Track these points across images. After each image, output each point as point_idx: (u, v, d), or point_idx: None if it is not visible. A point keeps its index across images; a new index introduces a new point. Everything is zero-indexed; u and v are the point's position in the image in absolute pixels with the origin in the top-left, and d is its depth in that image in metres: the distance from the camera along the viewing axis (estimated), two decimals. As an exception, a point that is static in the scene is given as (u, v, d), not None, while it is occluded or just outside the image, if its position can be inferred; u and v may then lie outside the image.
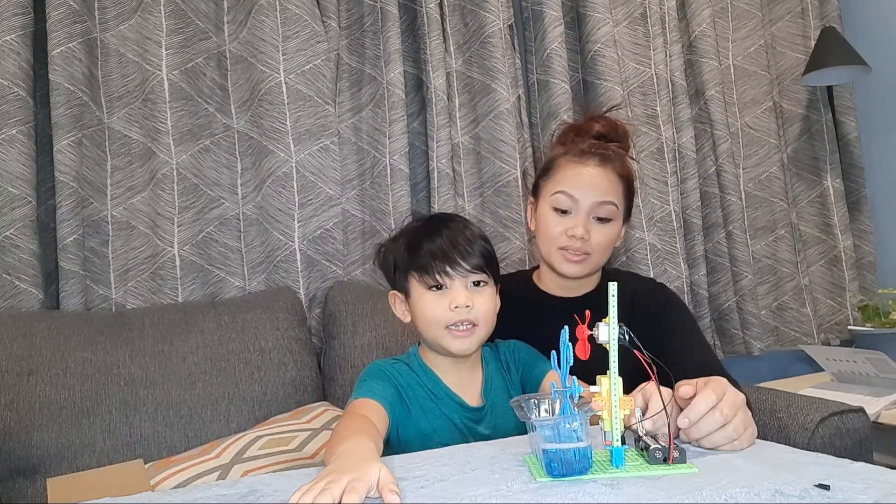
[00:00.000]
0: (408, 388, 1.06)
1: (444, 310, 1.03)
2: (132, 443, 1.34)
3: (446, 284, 1.04)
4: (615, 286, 0.78)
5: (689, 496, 0.64)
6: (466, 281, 1.04)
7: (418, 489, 0.71)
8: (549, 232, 1.25)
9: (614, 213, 1.23)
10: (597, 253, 1.24)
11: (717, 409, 0.79)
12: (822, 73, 2.16)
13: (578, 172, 1.23)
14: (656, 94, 2.09)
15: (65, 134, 1.56)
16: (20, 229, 1.51)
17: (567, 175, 1.24)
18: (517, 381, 1.12)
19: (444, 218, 1.12)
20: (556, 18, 1.99)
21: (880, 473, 0.68)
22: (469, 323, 1.03)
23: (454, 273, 1.03)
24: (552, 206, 1.24)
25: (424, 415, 1.05)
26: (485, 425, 1.07)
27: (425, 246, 1.05)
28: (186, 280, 1.69)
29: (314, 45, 1.77)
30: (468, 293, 1.03)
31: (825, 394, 1.69)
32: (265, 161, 1.74)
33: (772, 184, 2.28)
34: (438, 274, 1.03)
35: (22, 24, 1.54)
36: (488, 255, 1.06)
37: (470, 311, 1.02)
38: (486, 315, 1.04)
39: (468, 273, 1.03)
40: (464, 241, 1.04)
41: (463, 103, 1.95)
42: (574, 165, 1.24)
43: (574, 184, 1.22)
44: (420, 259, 1.05)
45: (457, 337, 1.03)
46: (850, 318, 2.28)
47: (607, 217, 1.23)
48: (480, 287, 1.05)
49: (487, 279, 1.06)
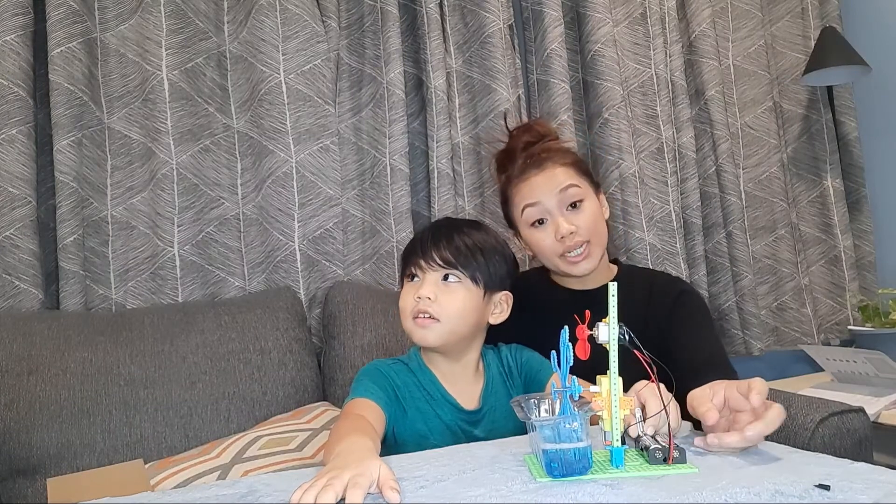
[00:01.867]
0: (404, 388, 1.06)
1: (410, 300, 1.03)
2: (132, 443, 1.34)
3: (418, 275, 1.04)
4: (615, 286, 0.78)
5: (689, 496, 0.64)
6: (437, 275, 1.03)
7: (418, 489, 0.71)
8: (542, 247, 1.25)
9: (580, 192, 1.24)
10: (592, 235, 1.24)
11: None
12: (822, 73, 2.16)
13: (529, 184, 1.25)
14: (656, 94, 2.10)
15: (65, 134, 1.56)
16: (20, 229, 1.51)
17: (522, 193, 1.26)
18: (519, 384, 1.11)
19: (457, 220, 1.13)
20: (556, 18, 1.99)
21: (880, 473, 0.68)
22: (428, 315, 1.01)
23: (425, 265, 1.03)
24: (529, 224, 1.26)
25: (420, 416, 1.05)
26: (481, 428, 1.06)
27: (415, 240, 1.08)
28: (186, 280, 1.69)
29: (314, 45, 1.77)
30: (435, 287, 1.02)
31: (825, 394, 1.69)
32: (265, 161, 1.74)
33: (772, 184, 2.28)
34: (412, 265, 1.05)
35: (22, 24, 1.54)
36: (467, 255, 1.03)
37: (431, 304, 1.01)
38: (451, 313, 1.02)
39: (437, 266, 1.03)
40: (446, 238, 1.04)
41: (463, 103, 1.95)
42: (522, 183, 1.26)
43: (531, 194, 1.24)
44: (406, 253, 1.07)
45: (418, 326, 1.02)
46: (850, 318, 2.28)
47: (577, 198, 1.23)
48: (451, 283, 1.03)
49: (461, 277, 1.03)
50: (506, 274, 1.09)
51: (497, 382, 1.10)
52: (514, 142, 1.34)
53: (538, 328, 1.16)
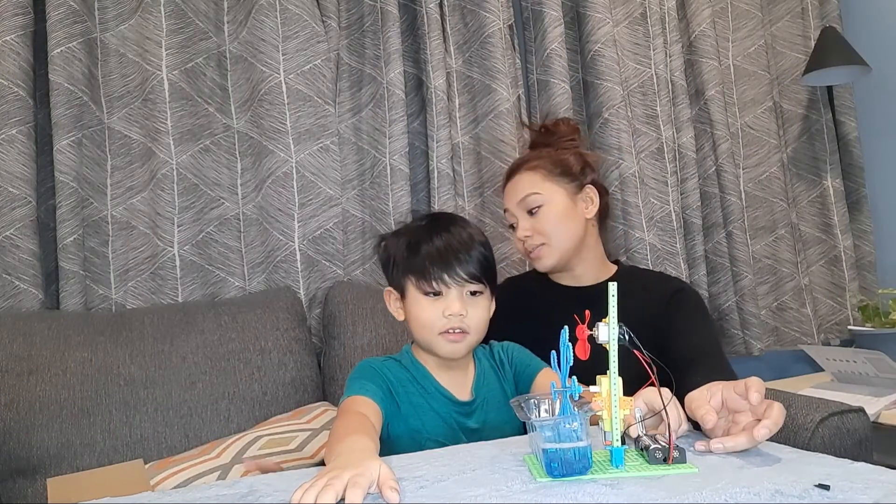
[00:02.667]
0: (398, 384, 1.06)
1: (437, 316, 1.03)
2: (132, 443, 1.34)
3: (442, 292, 1.04)
4: (615, 286, 0.78)
5: (689, 496, 0.64)
6: (462, 290, 1.04)
7: (418, 489, 0.71)
8: (516, 245, 1.38)
9: (537, 198, 1.32)
10: (550, 238, 1.32)
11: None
12: (822, 73, 2.16)
13: (505, 192, 1.39)
14: (656, 94, 2.09)
15: (65, 134, 1.56)
16: (20, 229, 1.51)
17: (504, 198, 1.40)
18: (511, 377, 1.12)
19: (446, 220, 1.11)
20: (556, 18, 1.99)
21: (880, 473, 0.68)
22: (461, 330, 1.03)
23: (451, 281, 1.03)
24: (508, 225, 1.40)
25: (414, 411, 1.05)
26: (474, 419, 1.07)
27: (424, 249, 1.04)
28: (186, 280, 1.69)
29: (314, 45, 1.77)
30: (463, 302, 1.03)
31: (825, 394, 1.69)
32: (265, 161, 1.74)
33: (772, 184, 2.28)
34: (435, 281, 1.03)
35: (22, 24, 1.54)
36: (486, 264, 1.06)
37: (463, 320, 1.03)
38: (478, 324, 1.05)
39: (465, 282, 1.03)
40: (463, 249, 1.04)
41: (463, 103, 1.95)
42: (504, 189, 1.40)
43: (505, 200, 1.39)
44: (418, 262, 1.04)
45: (448, 341, 1.03)
46: (850, 318, 2.28)
47: (535, 205, 1.32)
48: (476, 297, 1.05)
49: (483, 289, 1.05)
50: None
51: (489, 375, 1.11)
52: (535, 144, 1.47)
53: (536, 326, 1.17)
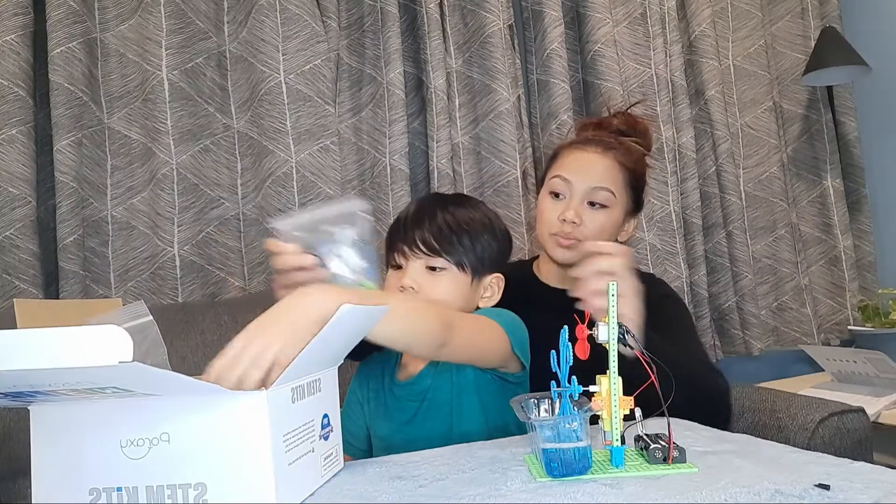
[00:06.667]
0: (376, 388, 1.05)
1: (395, 291, 0.97)
2: (132, 443, 1.34)
3: (402, 264, 0.99)
4: (615, 286, 0.78)
5: (689, 496, 0.64)
6: (421, 263, 0.98)
7: (417, 489, 0.71)
8: (543, 217, 1.23)
9: (610, 199, 1.20)
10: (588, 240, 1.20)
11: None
12: (822, 73, 2.16)
13: (577, 157, 1.22)
14: (656, 95, 2.09)
15: (65, 134, 1.56)
16: (20, 229, 1.51)
17: (566, 161, 1.23)
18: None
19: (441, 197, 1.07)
20: (556, 18, 1.99)
21: (880, 473, 0.68)
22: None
23: (408, 251, 0.98)
24: (549, 191, 1.23)
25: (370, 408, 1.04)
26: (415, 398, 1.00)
27: (398, 220, 1.02)
28: (186, 280, 1.69)
29: (314, 45, 1.77)
30: (421, 276, 0.97)
31: (825, 394, 1.68)
32: (265, 161, 1.74)
33: (772, 184, 2.28)
34: (396, 252, 0.99)
35: (22, 24, 1.54)
36: (451, 240, 0.98)
37: (416, 296, 0.95)
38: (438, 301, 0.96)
39: (423, 255, 0.97)
40: (430, 221, 0.98)
41: (463, 103, 1.95)
42: (574, 151, 1.24)
43: (570, 168, 1.21)
44: (389, 234, 1.02)
45: None
46: (850, 318, 2.28)
47: (602, 203, 1.20)
48: (437, 272, 0.98)
49: (447, 265, 0.98)
50: (496, 253, 1.04)
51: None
52: (609, 120, 1.33)
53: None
